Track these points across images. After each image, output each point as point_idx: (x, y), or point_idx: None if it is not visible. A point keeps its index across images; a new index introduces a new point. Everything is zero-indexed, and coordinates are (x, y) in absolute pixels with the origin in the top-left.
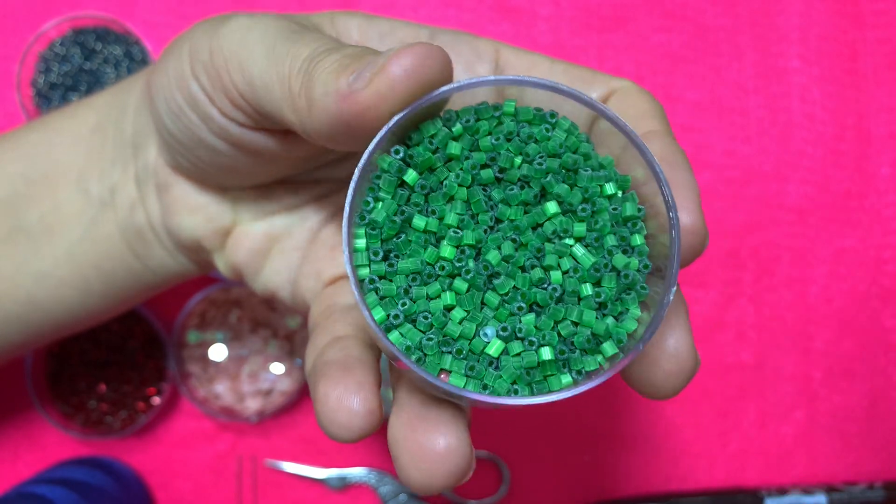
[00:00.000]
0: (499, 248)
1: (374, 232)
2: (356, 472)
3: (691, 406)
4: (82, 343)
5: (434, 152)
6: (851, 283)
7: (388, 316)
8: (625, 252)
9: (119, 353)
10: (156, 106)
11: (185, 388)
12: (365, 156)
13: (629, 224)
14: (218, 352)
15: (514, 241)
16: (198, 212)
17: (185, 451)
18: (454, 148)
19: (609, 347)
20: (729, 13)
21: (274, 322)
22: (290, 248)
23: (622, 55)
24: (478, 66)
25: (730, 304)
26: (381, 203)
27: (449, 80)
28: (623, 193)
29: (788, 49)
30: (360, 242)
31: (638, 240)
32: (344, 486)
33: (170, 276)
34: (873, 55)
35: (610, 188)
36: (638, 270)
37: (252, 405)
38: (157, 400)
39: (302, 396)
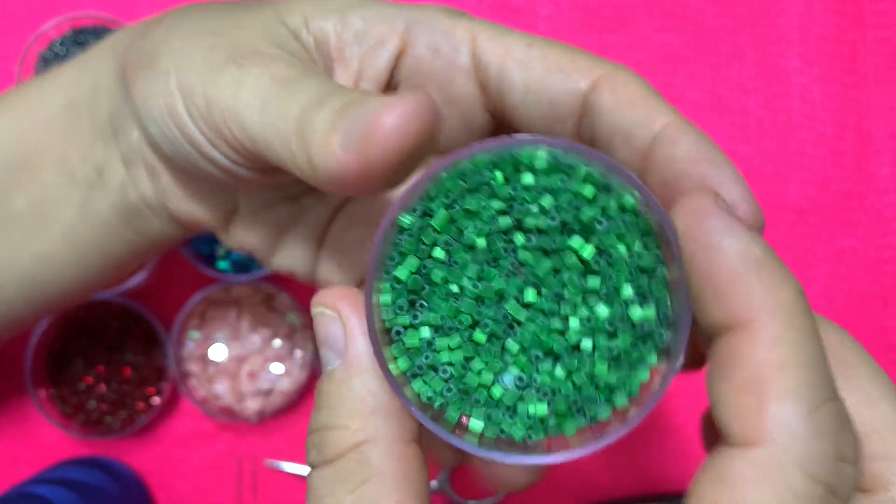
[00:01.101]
0: (521, 292)
1: (399, 287)
2: None
3: (692, 406)
4: (82, 343)
5: (450, 206)
6: (851, 283)
7: (414, 364)
8: (645, 298)
9: (119, 353)
10: (148, 130)
11: (184, 388)
12: (383, 227)
13: (648, 272)
14: (218, 352)
15: (535, 285)
16: (194, 199)
17: (185, 451)
18: (472, 203)
19: (620, 399)
20: (729, 13)
21: (274, 322)
22: (302, 236)
23: (622, 55)
24: (455, 58)
25: None
26: (404, 259)
27: (436, 128)
28: (645, 237)
29: (788, 49)
30: (386, 298)
31: (657, 290)
32: None
33: (172, 241)
34: (873, 55)
35: (629, 237)
36: (658, 320)
37: (252, 405)
38: (156, 400)
39: (302, 396)
